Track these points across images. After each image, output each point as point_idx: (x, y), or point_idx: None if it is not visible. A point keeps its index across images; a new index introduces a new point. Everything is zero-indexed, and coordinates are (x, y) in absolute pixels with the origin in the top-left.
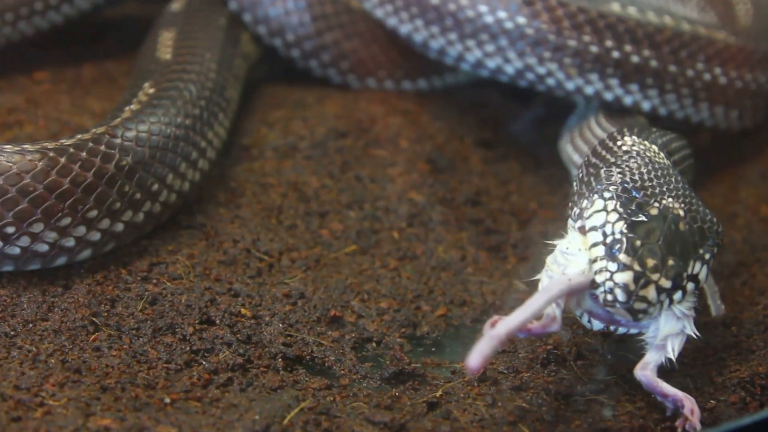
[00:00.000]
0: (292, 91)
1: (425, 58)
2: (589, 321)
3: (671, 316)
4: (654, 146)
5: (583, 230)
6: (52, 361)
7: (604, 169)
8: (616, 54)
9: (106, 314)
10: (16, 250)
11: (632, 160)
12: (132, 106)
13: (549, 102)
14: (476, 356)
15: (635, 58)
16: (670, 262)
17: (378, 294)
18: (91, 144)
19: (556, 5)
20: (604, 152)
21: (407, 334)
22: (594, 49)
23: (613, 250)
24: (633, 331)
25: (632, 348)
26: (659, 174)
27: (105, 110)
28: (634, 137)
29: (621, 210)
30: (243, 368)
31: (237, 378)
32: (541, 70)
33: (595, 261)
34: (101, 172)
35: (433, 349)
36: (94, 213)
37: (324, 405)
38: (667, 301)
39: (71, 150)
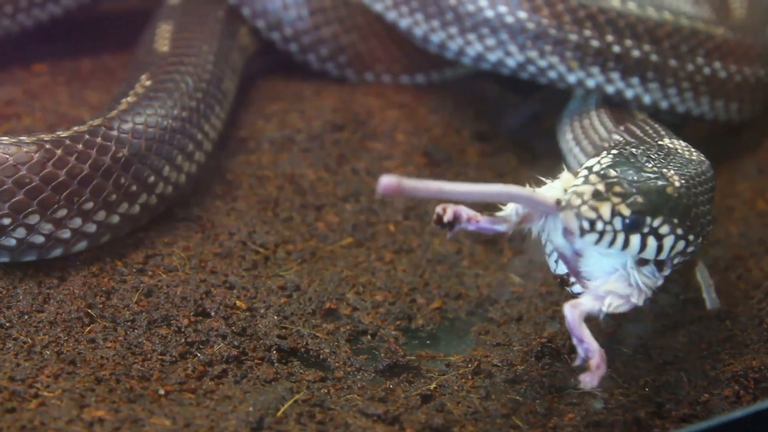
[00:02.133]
0: (289, 84)
1: (424, 53)
2: (557, 262)
3: (624, 278)
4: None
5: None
6: (47, 352)
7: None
8: (617, 48)
9: (101, 306)
10: (12, 242)
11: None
12: (129, 98)
13: (545, 99)
14: (397, 181)
15: (636, 53)
16: (639, 200)
17: (373, 287)
18: (87, 136)
19: (556, 0)
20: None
21: (402, 327)
22: (595, 43)
23: (589, 176)
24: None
25: (627, 342)
26: (676, 158)
27: (103, 103)
28: (674, 140)
29: (615, 153)
30: (238, 360)
31: (231, 370)
32: (543, 63)
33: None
34: (97, 164)
35: (427, 342)
36: (90, 205)
37: (318, 397)
38: (621, 237)
39: (67, 142)
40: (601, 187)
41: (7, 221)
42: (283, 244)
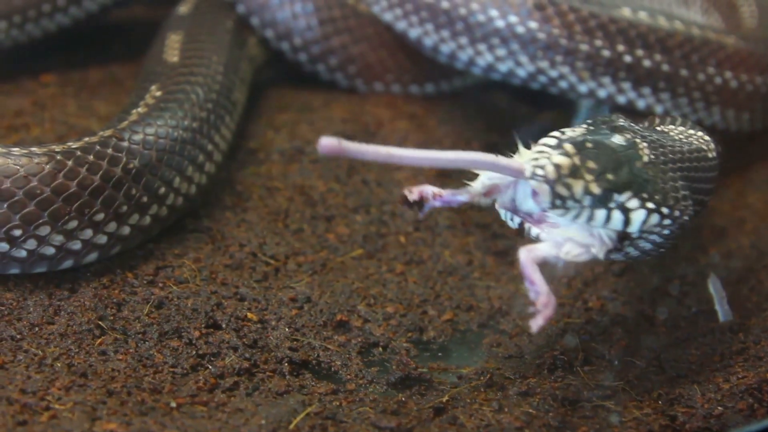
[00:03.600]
0: (298, 94)
1: (433, 63)
2: (512, 219)
3: (586, 228)
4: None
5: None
6: (58, 364)
7: None
8: (628, 58)
9: (112, 318)
10: (23, 253)
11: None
12: (139, 109)
13: (555, 116)
14: (338, 142)
15: (647, 62)
16: (609, 176)
17: (384, 298)
18: (98, 147)
19: (567, 10)
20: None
21: (414, 339)
22: (606, 53)
23: (562, 143)
24: (543, 235)
25: (640, 355)
26: (652, 134)
27: (111, 113)
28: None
29: (591, 127)
30: (249, 373)
31: (243, 382)
32: (554, 74)
33: (540, 148)
34: (108, 175)
35: (439, 354)
36: (100, 216)
37: (330, 410)
38: (587, 212)
39: (78, 153)
40: (577, 160)
41: (17, 233)
42: (293, 255)
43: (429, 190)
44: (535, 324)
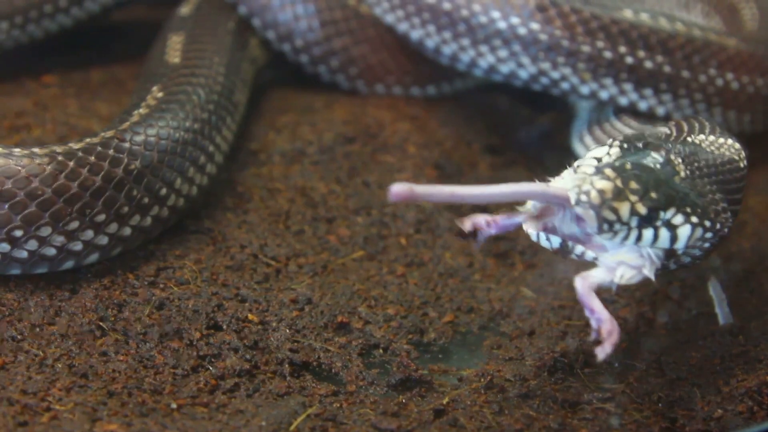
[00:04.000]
0: (299, 96)
1: (434, 64)
2: (548, 240)
3: (635, 249)
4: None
5: None
6: (59, 365)
7: None
8: (629, 59)
9: (113, 319)
10: (24, 254)
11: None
12: (140, 110)
13: (555, 118)
14: (408, 187)
15: (649, 64)
16: (653, 194)
17: (385, 300)
18: (99, 148)
19: (569, 12)
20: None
21: (414, 341)
22: (608, 54)
23: (602, 168)
24: (588, 256)
25: (640, 357)
26: (685, 147)
27: (113, 114)
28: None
29: (625, 146)
30: (250, 374)
31: (244, 384)
32: (556, 75)
33: (581, 174)
34: (110, 176)
35: (440, 356)
36: (102, 217)
37: (330, 411)
38: (635, 233)
39: (80, 154)
40: (619, 183)
41: (19, 233)
42: (294, 257)
43: (482, 219)
44: (603, 352)
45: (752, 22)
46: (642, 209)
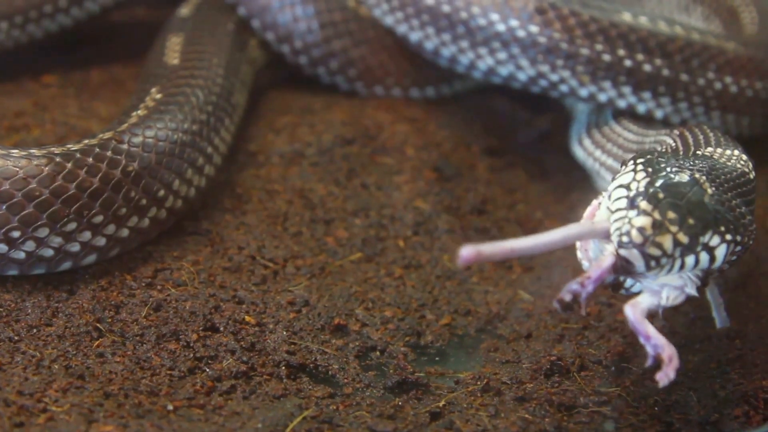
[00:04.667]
0: (298, 97)
1: (433, 66)
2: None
3: (676, 271)
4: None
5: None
6: (56, 366)
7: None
8: (628, 62)
9: (110, 320)
10: (21, 255)
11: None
12: (139, 111)
13: (553, 120)
14: (476, 250)
15: (647, 67)
16: (690, 221)
17: (382, 302)
18: (97, 149)
19: (568, 14)
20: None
21: (411, 343)
22: (607, 57)
23: (635, 201)
24: (637, 288)
25: (636, 361)
26: (703, 162)
27: (112, 114)
28: (711, 149)
29: (649, 170)
30: (246, 376)
31: (240, 386)
32: (554, 78)
33: (616, 212)
34: (107, 178)
35: (436, 359)
36: (99, 218)
37: (327, 414)
38: (679, 261)
39: (78, 155)
40: (657, 215)
41: (16, 234)
42: (292, 258)
43: (574, 285)
44: (666, 378)
45: (752, 25)
46: (684, 238)
